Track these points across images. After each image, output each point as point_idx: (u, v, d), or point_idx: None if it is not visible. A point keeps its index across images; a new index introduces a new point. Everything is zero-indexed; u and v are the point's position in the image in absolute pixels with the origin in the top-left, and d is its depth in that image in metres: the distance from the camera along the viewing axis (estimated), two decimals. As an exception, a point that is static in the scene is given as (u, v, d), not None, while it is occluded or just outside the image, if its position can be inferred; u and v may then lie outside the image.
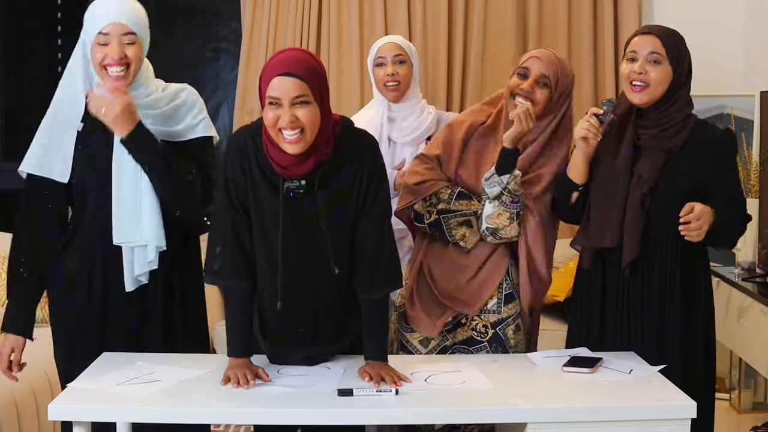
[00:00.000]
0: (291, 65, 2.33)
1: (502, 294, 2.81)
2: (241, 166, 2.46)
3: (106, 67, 2.58)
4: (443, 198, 2.78)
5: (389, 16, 5.00)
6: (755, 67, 4.68)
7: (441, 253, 2.84)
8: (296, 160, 2.39)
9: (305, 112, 2.33)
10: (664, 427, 2.31)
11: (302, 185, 2.41)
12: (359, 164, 2.46)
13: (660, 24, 2.85)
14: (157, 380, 2.43)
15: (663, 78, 2.65)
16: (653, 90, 2.65)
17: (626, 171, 2.68)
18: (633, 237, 2.65)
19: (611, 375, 2.50)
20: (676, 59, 2.66)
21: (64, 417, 2.31)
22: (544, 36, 4.92)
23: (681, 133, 2.67)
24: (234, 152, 2.47)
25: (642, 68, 2.65)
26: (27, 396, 3.45)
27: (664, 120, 2.67)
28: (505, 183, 2.68)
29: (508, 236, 2.74)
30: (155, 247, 2.62)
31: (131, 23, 2.58)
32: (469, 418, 2.49)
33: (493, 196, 2.70)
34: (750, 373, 4.42)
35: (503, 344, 2.81)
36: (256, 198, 2.46)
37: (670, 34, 2.70)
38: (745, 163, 4.32)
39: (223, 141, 3.02)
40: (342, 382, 2.42)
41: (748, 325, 3.73)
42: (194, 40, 5.55)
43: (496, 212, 2.71)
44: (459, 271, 2.81)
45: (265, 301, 2.54)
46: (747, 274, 4.01)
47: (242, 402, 2.33)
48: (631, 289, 2.71)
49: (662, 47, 2.65)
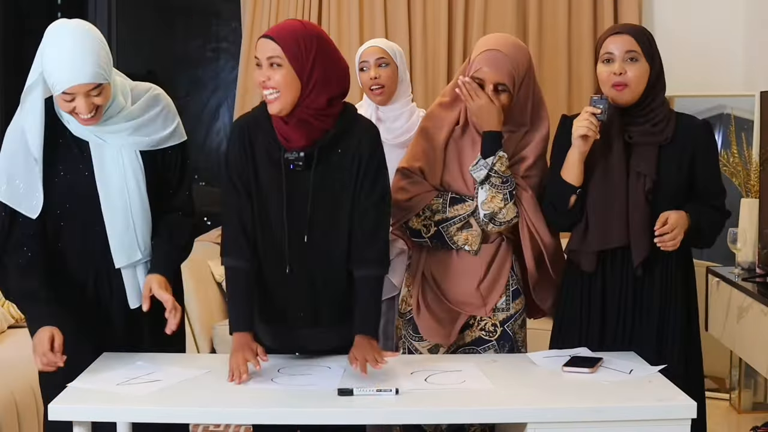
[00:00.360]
0: (273, 30, 2.51)
1: (510, 290, 2.81)
2: (243, 148, 2.55)
3: (77, 115, 2.51)
4: (437, 208, 2.76)
5: (389, 17, 5.00)
6: (755, 67, 4.68)
7: (444, 260, 2.80)
8: (295, 129, 2.49)
9: (277, 74, 2.45)
10: (664, 427, 2.31)
11: (301, 156, 2.51)
12: (359, 145, 2.54)
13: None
14: (157, 380, 2.43)
15: (642, 75, 2.68)
16: (634, 88, 2.68)
17: (622, 169, 2.68)
18: (642, 235, 2.66)
19: (611, 375, 2.50)
20: (651, 55, 2.70)
21: (64, 417, 2.30)
22: (544, 36, 4.92)
23: (669, 126, 2.70)
24: (236, 137, 2.58)
25: (621, 68, 2.66)
26: (27, 396, 3.45)
27: (652, 115, 2.70)
28: (490, 164, 2.67)
29: (506, 219, 2.72)
30: (150, 259, 2.65)
31: (94, 78, 2.46)
32: (469, 418, 2.49)
33: (480, 180, 2.69)
34: (750, 373, 4.42)
35: (511, 341, 2.80)
36: (258, 176, 2.55)
37: (641, 31, 2.75)
38: (745, 163, 4.32)
39: (223, 141, 3.03)
40: (342, 382, 2.42)
41: (748, 325, 3.73)
42: (194, 40, 5.55)
43: (489, 196, 2.70)
44: (466, 275, 2.78)
45: (268, 277, 2.58)
46: (747, 274, 4.00)
47: (242, 402, 2.33)
48: (635, 288, 2.71)
49: (637, 45, 2.68)
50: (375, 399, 2.32)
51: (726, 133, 4.68)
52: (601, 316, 2.74)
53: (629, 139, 2.70)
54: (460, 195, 2.76)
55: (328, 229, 2.55)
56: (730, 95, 4.77)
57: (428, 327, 2.79)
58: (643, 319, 2.71)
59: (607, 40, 2.71)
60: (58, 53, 2.48)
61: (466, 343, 2.81)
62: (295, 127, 2.50)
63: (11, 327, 4.11)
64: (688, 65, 4.85)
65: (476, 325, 2.80)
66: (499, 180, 2.68)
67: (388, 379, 2.44)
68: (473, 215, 2.75)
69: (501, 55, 2.67)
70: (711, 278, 4.17)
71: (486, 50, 2.69)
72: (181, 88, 2.98)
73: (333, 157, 2.54)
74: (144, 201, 2.63)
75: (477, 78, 2.68)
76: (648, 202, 2.67)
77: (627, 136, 2.70)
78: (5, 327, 4.07)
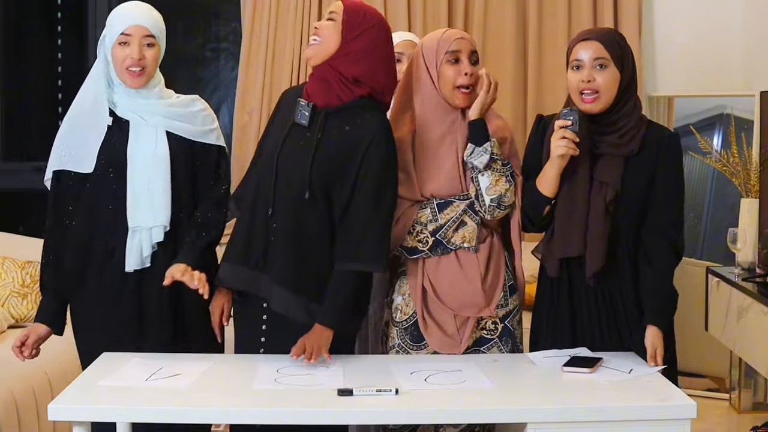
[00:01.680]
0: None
1: (507, 286, 2.81)
2: (277, 108, 2.80)
3: (127, 68, 2.75)
4: (427, 220, 2.75)
5: (389, 17, 4.99)
6: (755, 67, 4.68)
7: (443, 268, 2.77)
8: (315, 82, 2.67)
9: (328, 26, 2.65)
10: (664, 427, 2.31)
11: (309, 106, 2.64)
12: (365, 128, 2.62)
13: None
14: (157, 380, 2.44)
15: (611, 82, 2.64)
16: (604, 96, 2.64)
17: (587, 179, 2.66)
18: (597, 248, 2.64)
19: (611, 375, 2.51)
20: (621, 60, 2.65)
21: (64, 417, 2.30)
22: (544, 36, 4.92)
23: (636, 138, 2.66)
24: (277, 103, 2.83)
25: (589, 76, 2.63)
26: (27, 396, 3.45)
27: (620, 124, 2.66)
28: (489, 149, 2.68)
29: (511, 202, 2.72)
30: (163, 227, 2.76)
31: (151, 27, 2.77)
32: (469, 418, 2.49)
33: (484, 165, 2.69)
34: (750, 373, 4.42)
35: (513, 337, 2.80)
36: (272, 131, 2.76)
37: (611, 35, 2.69)
38: (745, 163, 4.32)
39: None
40: (342, 382, 2.42)
41: (748, 325, 3.73)
42: (194, 40, 5.55)
43: (494, 179, 2.70)
44: (469, 276, 2.76)
45: (254, 219, 2.68)
46: (747, 274, 4.00)
47: (242, 402, 2.33)
48: (598, 294, 2.71)
49: (605, 51, 2.63)
50: (375, 399, 2.32)
51: (726, 133, 4.69)
52: (571, 320, 2.74)
53: (596, 149, 2.67)
54: (444, 198, 2.76)
55: (316, 202, 2.61)
56: (730, 95, 4.78)
57: (439, 340, 2.76)
58: (611, 324, 2.71)
59: (576, 46, 2.68)
60: (122, 6, 2.82)
61: (469, 345, 2.81)
62: (316, 81, 2.66)
63: (11, 327, 4.11)
64: (688, 65, 4.86)
65: (477, 326, 2.79)
66: (500, 163, 2.70)
67: (387, 379, 2.44)
68: (465, 213, 2.75)
69: (463, 33, 2.82)
70: (711, 278, 4.18)
71: (455, 31, 2.82)
72: (181, 87, 2.99)
73: (338, 130, 2.63)
74: (166, 175, 2.77)
75: (453, 52, 2.73)
76: (607, 214, 2.64)
77: (594, 146, 2.67)
78: (5, 327, 4.07)
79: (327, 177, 2.61)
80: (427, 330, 2.77)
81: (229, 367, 2.60)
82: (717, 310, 4.09)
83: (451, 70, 2.73)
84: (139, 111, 2.79)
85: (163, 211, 2.75)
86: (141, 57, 2.74)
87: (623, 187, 2.65)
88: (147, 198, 2.75)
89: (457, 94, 2.73)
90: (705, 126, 4.96)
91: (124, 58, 2.74)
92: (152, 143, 2.77)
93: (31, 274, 4.25)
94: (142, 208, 2.74)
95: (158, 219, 2.75)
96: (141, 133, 2.78)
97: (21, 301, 4.19)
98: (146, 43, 2.76)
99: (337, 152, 2.61)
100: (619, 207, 2.65)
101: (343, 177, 2.61)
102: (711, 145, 4.68)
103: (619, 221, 2.66)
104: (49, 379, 3.60)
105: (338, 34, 2.62)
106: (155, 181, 2.75)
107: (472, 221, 2.75)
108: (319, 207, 2.62)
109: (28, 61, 5.61)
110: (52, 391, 3.51)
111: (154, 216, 2.75)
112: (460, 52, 2.74)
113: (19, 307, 4.17)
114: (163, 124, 2.80)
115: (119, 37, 2.74)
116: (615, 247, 2.68)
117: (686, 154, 4.93)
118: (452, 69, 2.73)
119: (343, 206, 2.63)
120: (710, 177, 4.95)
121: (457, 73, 2.73)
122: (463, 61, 2.73)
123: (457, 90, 2.73)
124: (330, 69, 2.62)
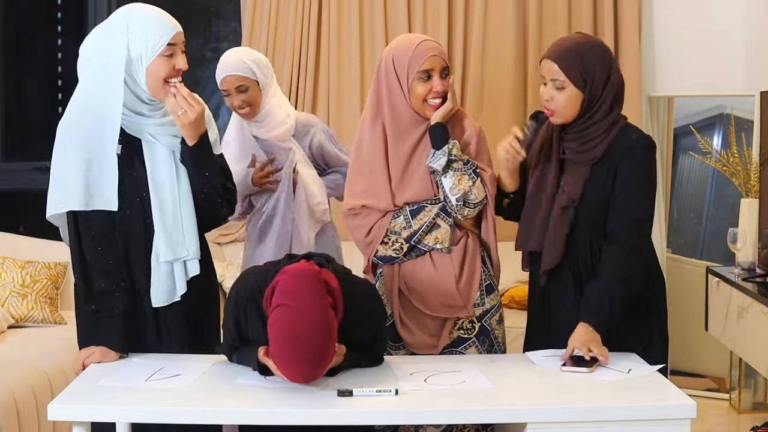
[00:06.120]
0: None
1: (483, 285, 2.83)
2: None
3: (167, 81, 2.59)
4: (400, 228, 2.77)
5: (389, 16, 5.00)
6: (755, 67, 4.68)
7: (418, 270, 2.80)
8: None
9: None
10: (663, 427, 2.31)
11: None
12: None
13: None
14: (157, 380, 2.44)
15: (570, 101, 2.64)
16: (562, 114, 2.67)
17: (553, 184, 2.72)
18: (553, 247, 2.70)
19: (611, 375, 2.51)
20: (582, 78, 2.62)
21: (64, 417, 2.31)
22: (544, 36, 4.91)
23: (600, 145, 2.66)
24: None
25: (549, 95, 2.66)
26: (27, 396, 3.45)
27: (585, 133, 2.68)
28: (447, 150, 2.72)
29: (479, 199, 2.76)
30: (197, 259, 2.67)
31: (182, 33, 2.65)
32: (469, 418, 2.49)
33: (443, 167, 2.73)
34: (750, 373, 4.42)
35: (490, 336, 2.82)
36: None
37: (571, 54, 2.63)
38: (745, 163, 4.32)
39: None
40: (342, 382, 2.42)
41: (748, 325, 3.73)
42: (194, 40, 5.55)
43: (456, 179, 2.74)
44: (443, 278, 2.78)
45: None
46: (747, 274, 4.01)
47: (242, 402, 2.34)
48: (578, 294, 2.72)
49: (560, 72, 2.62)
50: (374, 399, 2.32)
51: (726, 133, 4.69)
52: (561, 318, 2.75)
53: (563, 154, 2.73)
54: (417, 203, 2.78)
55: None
56: (730, 95, 4.77)
57: (417, 341, 2.80)
58: (560, 320, 2.74)
59: (541, 62, 2.70)
60: (147, 15, 2.59)
61: (446, 345, 2.82)
62: None
63: (11, 327, 4.11)
64: (688, 65, 4.86)
65: (455, 326, 2.81)
66: (461, 163, 2.74)
67: (387, 379, 2.44)
68: (438, 216, 2.77)
69: (437, 44, 2.81)
70: (711, 278, 4.18)
71: (430, 44, 2.78)
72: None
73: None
74: (191, 200, 2.66)
75: (425, 71, 2.74)
76: (563, 217, 2.68)
77: (561, 151, 2.73)
78: (5, 327, 4.07)
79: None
80: (405, 331, 2.80)
81: (229, 367, 2.60)
82: (717, 310, 4.09)
83: (422, 87, 2.75)
84: (150, 128, 2.64)
85: (195, 242, 2.66)
86: (185, 68, 2.63)
87: (586, 193, 2.67)
88: (177, 229, 2.64)
89: (427, 107, 2.77)
90: (705, 126, 4.96)
91: (171, 68, 2.59)
92: (171, 167, 2.64)
93: (31, 274, 4.26)
94: (175, 240, 2.63)
95: (191, 250, 2.65)
96: (156, 155, 2.64)
97: (21, 301, 4.18)
98: (181, 51, 2.64)
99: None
100: (579, 213, 2.69)
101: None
102: (711, 145, 4.68)
103: (579, 226, 2.70)
104: (49, 379, 3.60)
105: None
106: (184, 209, 2.65)
107: (445, 223, 2.78)
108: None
109: (28, 61, 5.61)
110: (52, 391, 3.51)
111: (187, 247, 2.64)
112: (432, 70, 2.75)
113: (19, 307, 4.17)
114: (175, 144, 2.65)
115: (165, 48, 2.58)
116: (572, 248, 2.72)
117: (686, 154, 4.94)
118: (423, 86, 2.75)
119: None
120: (710, 177, 4.95)
121: (428, 89, 2.75)
122: (434, 78, 2.75)
123: (426, 103, 2.77)
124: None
